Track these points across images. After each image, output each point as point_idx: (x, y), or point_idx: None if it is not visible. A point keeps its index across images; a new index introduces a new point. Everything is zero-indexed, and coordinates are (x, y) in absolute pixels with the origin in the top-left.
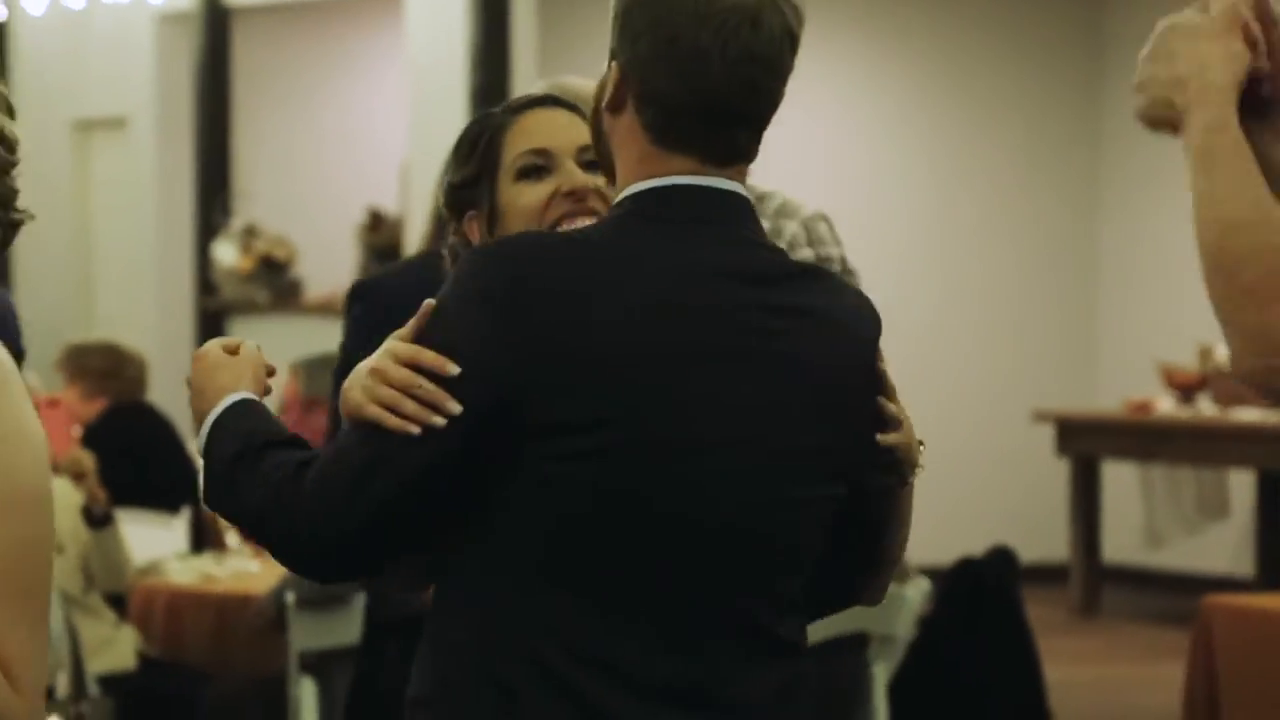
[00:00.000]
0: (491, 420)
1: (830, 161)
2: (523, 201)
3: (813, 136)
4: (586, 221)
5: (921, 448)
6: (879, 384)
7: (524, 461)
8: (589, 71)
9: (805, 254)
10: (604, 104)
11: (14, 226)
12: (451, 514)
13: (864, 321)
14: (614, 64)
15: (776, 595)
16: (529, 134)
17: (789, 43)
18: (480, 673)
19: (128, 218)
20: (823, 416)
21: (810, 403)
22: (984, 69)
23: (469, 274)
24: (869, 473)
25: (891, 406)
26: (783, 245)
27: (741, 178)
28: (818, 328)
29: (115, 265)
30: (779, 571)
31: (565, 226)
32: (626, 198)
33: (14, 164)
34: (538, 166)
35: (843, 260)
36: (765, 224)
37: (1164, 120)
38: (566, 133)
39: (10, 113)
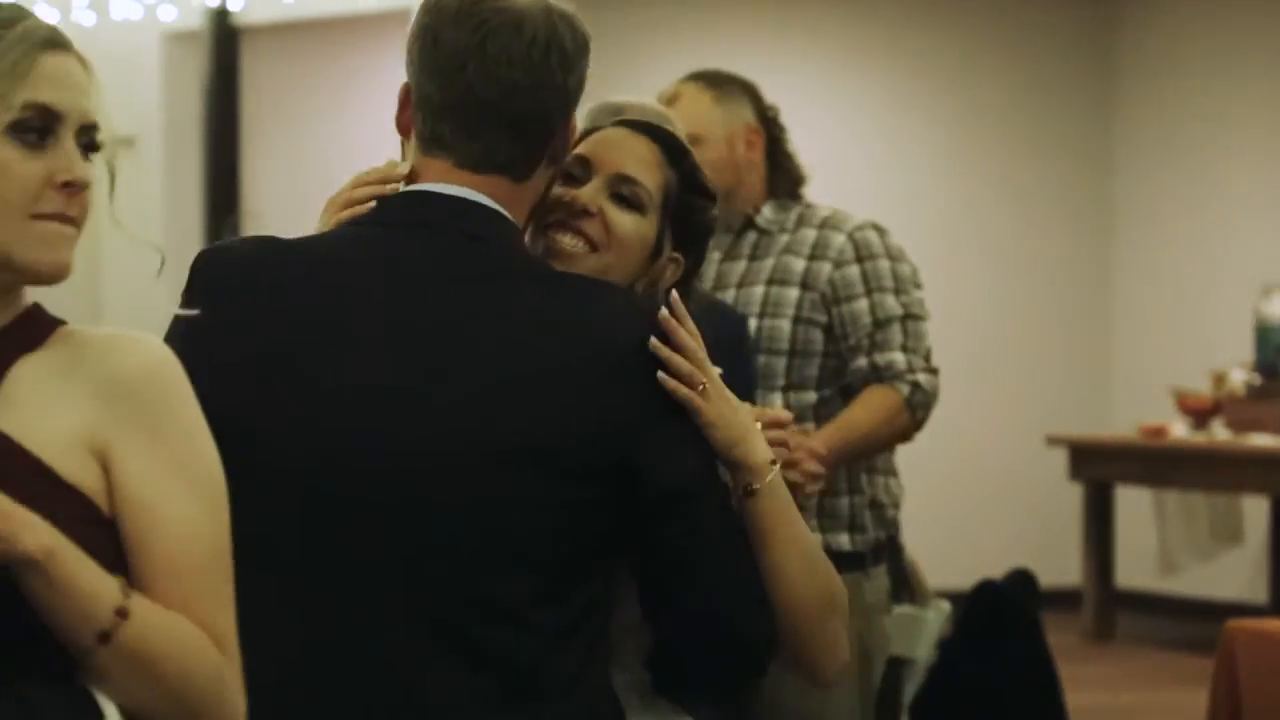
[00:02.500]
0: None
1: (838, 186)
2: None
3: (821, 161)
4: (567, 237)
5: (775, 466)
6: (638, 390)
7: None
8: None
9: (852, 270)
10: (397, 127)
11: None
12: None
13: (610, 327)
14: (402, 86)
15: (486, 600)
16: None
17: (557, 55)
18: None
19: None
20: (527, 410)
21: (505, 397)
22: (995, 96)
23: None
24: (636, 482)
25: (708, 410)
26: (830, 258)
27: (502, 191)
28: (529, 327)
29: (124, 284)
30: (481, 571)
31: (553, 234)
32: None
33: None
34: (572, 175)
35: (894, 274)
36: (810, 234)
37: None
38: (615, 151)
39: None
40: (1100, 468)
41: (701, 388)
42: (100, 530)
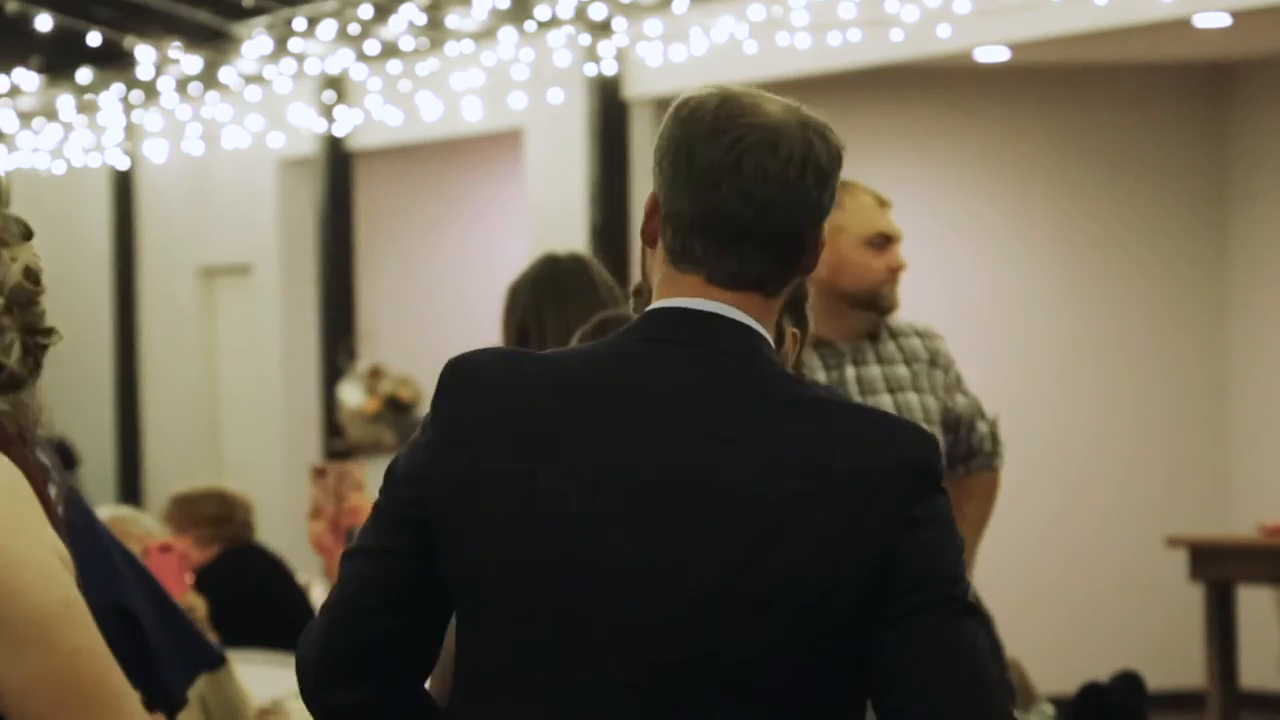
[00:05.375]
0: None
1: (954, 285)
2: None
3: (936, 262)
4: None
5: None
6: (889, 519)
7: None
8: None
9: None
10: (642, 236)
11: (43, 350)
12: None
13: (859, 450)
14: (650, 195)
15: None
16: None
17: (813, 172)
18: None
19: (253, 362)
20: (754, 551)
21: (731, 537)
22: (1109, 195)
23: None
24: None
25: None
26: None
27: (755, 307)
28: (764, 454)
29: (241, 409)
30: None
31: None
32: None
33: (38, 294)
34: None
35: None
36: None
37: None
38: None
39: (28, 237)
40: (1221, 567)
41: None
42: None
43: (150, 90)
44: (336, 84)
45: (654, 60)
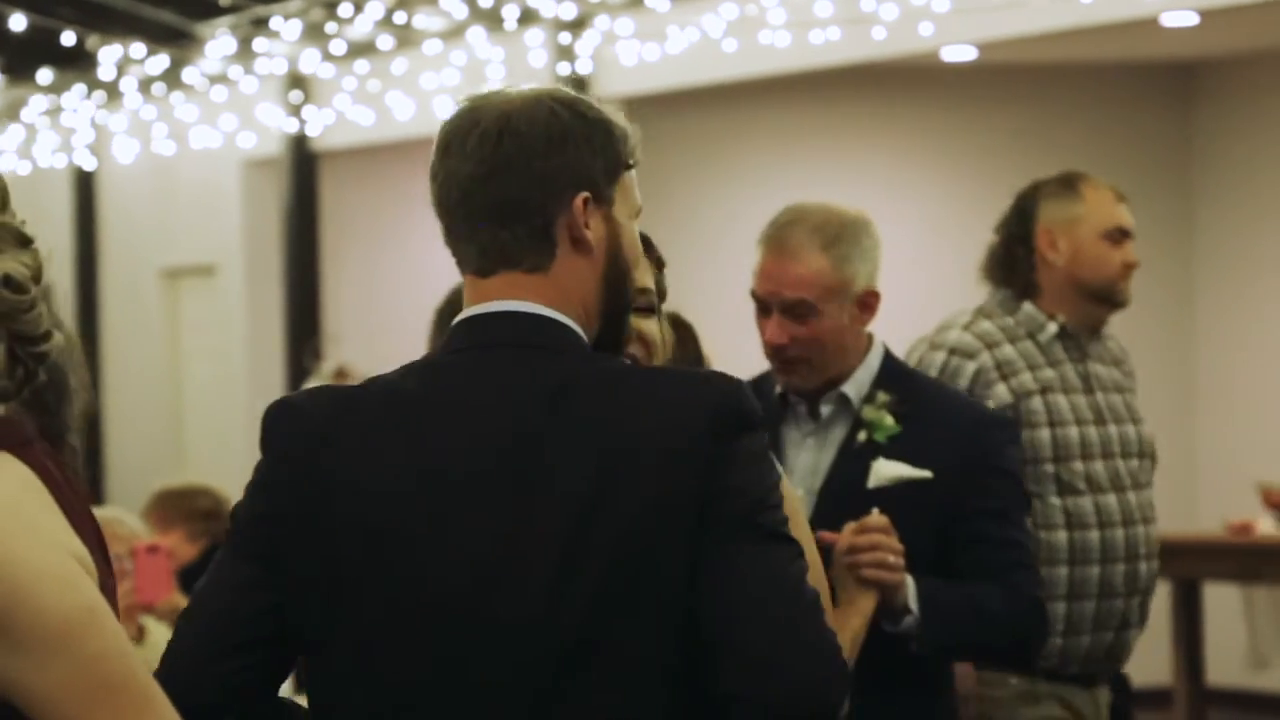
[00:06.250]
0: None
1: (926, 280)
2: None
3: (909, 258)
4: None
5: None
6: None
7: None
8: (672, 198)
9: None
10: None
11: (38, 358)
12: None
13: (667, 412)
14: None
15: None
16: None
17: (512, 136)
18: None
19: (218, 363)
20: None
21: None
22: None
23: None
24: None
25: None
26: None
27: (532, 288)
28: (577, 437)
29: (206, 410)
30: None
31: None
32: None
33: (26, 305)
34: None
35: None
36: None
37: None
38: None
39: (24, 243)
40: (1188, 565)
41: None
42: None
43: (114, 91)
44: (303, 84)
45: (629, 59)
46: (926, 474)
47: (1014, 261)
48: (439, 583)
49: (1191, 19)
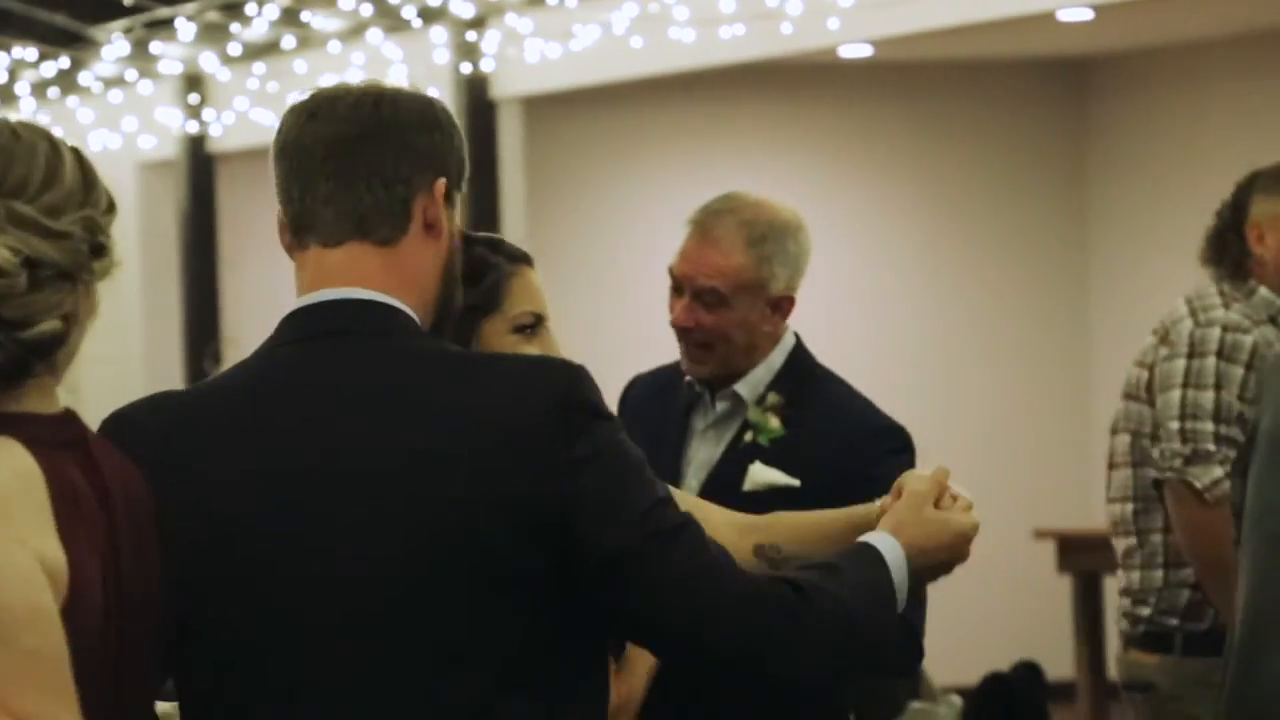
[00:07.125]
0: None
1: (822, 276)
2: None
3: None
4: None
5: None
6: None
7: None
8: (577, 186)
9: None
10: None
11: (23, 345)
12: None
13: (506, 400)
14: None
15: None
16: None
17: (389, 108)
18: None
19: (115, 367)
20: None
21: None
22: (972, 190)
23: None
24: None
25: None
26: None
27: (374, 265)
28: (411, 424)
29: (103, 414)
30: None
31: None
32: None
33: (12, 291)
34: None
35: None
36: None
37: None
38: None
39: (47, 233)
40: (1088, 559)
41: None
42: None
43: (8, 95)
44: (201, 85)
45: (533, 56)
46: (794, 482)
47: (1226, 247)
48: (286, 572)
49: (1086, 14)
